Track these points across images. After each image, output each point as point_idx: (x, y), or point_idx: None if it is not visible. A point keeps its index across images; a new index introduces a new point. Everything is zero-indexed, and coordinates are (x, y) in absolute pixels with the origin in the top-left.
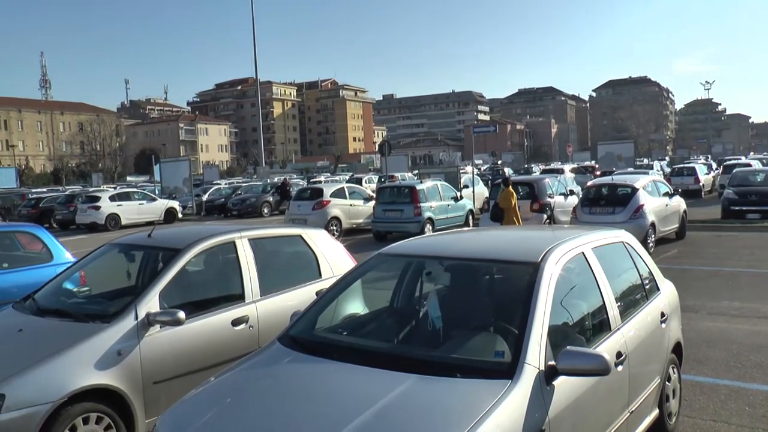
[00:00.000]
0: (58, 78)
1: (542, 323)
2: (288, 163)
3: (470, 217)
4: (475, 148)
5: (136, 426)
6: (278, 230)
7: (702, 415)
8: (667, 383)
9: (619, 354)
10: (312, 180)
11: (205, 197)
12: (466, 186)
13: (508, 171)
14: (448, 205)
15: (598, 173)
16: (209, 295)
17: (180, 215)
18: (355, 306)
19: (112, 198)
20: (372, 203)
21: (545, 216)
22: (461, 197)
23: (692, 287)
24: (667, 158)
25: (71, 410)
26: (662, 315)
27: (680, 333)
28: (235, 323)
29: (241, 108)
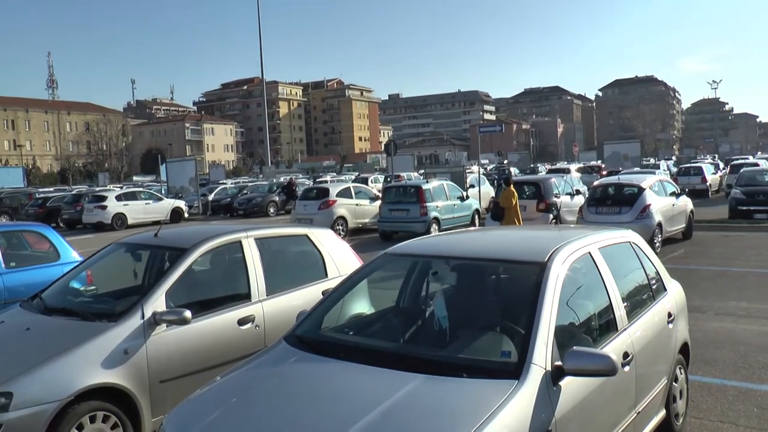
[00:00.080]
0: (65, 78)
1: (549, 323)
2: (294, 163)
3: (476, 217)
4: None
5: (143, 425)
6: (284, 230)
7: (709, 417)
8: (674, 384)
9: (626, 354)
10: (318, 180)
11: (211, 197)
12: (472, 186)
13: (514, 171)
14: (454, 205)
15: (605, 173)
16: (215, 295)
17: (186, 215)
18: (362, 306)
19: (119, 198)
20: (378, 203)
21: (551, 216)
22: (467, 197)
23: (699, 287)
24: (674, 158)
25: (78, 409)
26: (669, 315)
27: (687, 333)
28: (241, 323)
29: (247, 108)
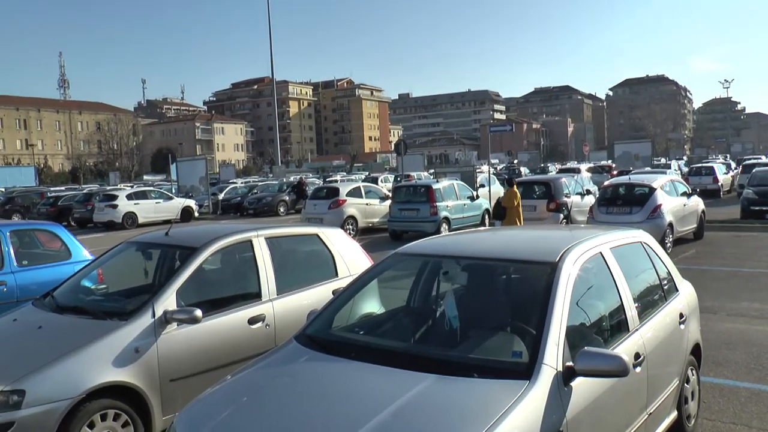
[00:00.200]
0: (77, 78)
1: (560, 324)
2: (304, 162)
3: (486, 217)
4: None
5: (153, 423)
6: (295, 229)
7: (721, 418)
8: (686, 385)
9: (638, 355)
10: (328, 179)
11: (222, 196)
12: (482, 185)
13: (524, 170)
14: (464, 205)
15: (615, 173)
16: (226, 294)
17: (196, 214)
18: (372, 305)
19: (129, 197)
20: (388, 202)
21: (562, 215)
22: (477, 196)
23: (711, 288)
24: (685, 157)
25: (89, 407)
26: (681, 316)
27: (699, 334)
28: (252, 322)
29: (257, 107)
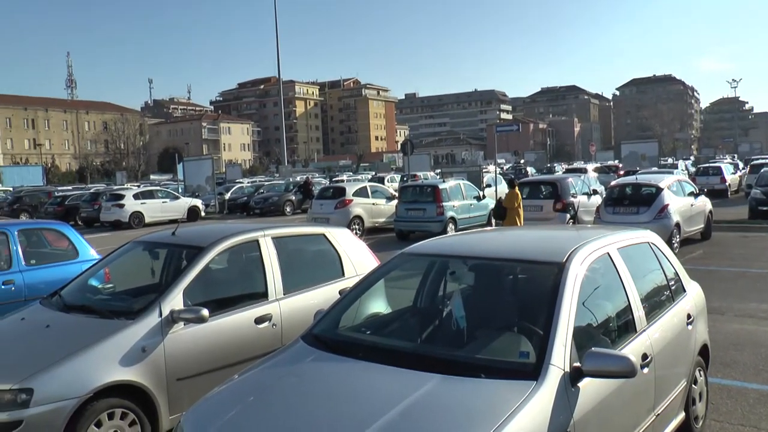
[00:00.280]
0: (84, 78)
1: (567, 324)
2: (310, 162)
3: (493, 217)
4: (498, 147)
5: (160, 422)
6: (301, 229)
7: (730, 420)
8: (694, 386)
9: (645, 356)
10: (334, 179)
11: (228, 196)
12: (489, 185)
13: (531, 170)
14: (471, 205)
15: (622, 173)
16: (232, 293)
17: (203, 213)
18: (379, 305)
19: (136, 196)
20: (394, 202)
21: (568, 216)
22: (484, 196)
23: (718, 288)
24: (692, 157)
25: (97, 405)
26: (688, 317)
27: (707, 335)
28: (258, 321)
29: (264, 107)
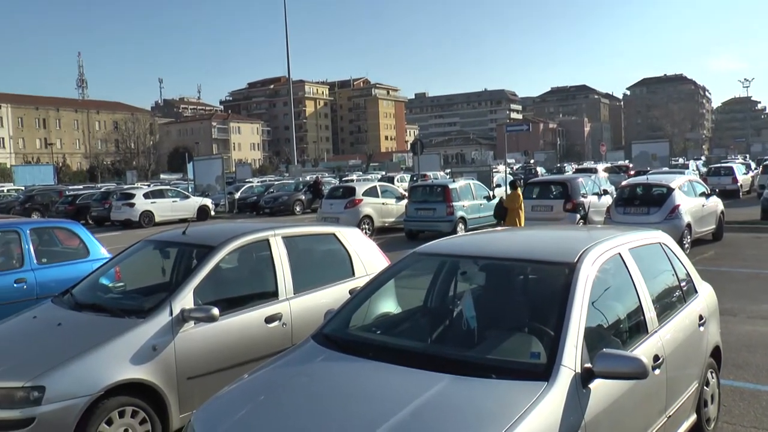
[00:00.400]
0: (95, 78)
1: (578, 325)
2: (320, 162)
3: None
4: (508, 147)
5: (170, 420)
6: (312, 228)
7: (742, 422)
8: (706, 388)
9: (657, 357)
10: (344, 178)
11: (238, 195)
12: (499, 185)
13: (541, 170)
14: (481, 205)
15: (632, 173)
16: (243, 293)
17: (213, 213)
18: (389, 305)
19: (146, 195)
20: (404, 202)
21: (578, 216)
22: (494, 196)
23: (730, 290)
24: (703, 157)
25: (108, 403)
26: (700, 318)
27: (719, 337)
28: (269, 321)
29: (274, 107)
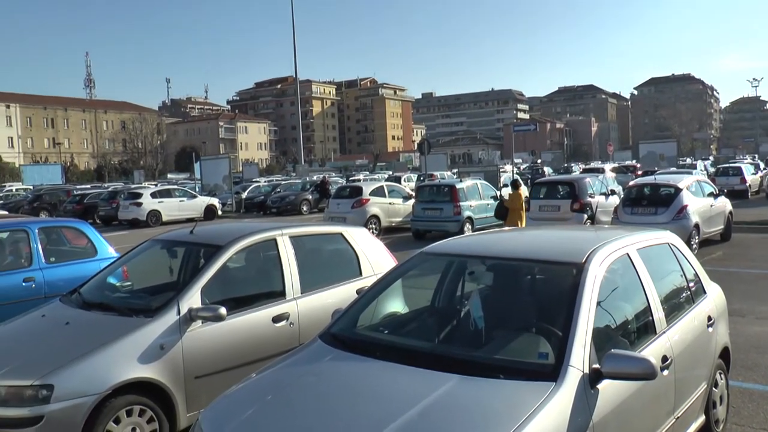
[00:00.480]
0: (102, 77)
1: (586, 325)
2: (327, 162)
3: None
4: (515, 147)
5: (178, 419)
6: (319, 228)
7: (751, 423)
8: (714, 389)
9: (665, 358)
10: (351, 178)
11: (245, 195)
12: (506, 185)
13: (548, 170)
14: (488, 205)
15: (640, 173)
16: (250, 292)
17: (220, 212)
18: (397, 305)
19: (154, 195)
20: (411, 202)
21: (585, 216)
22: (501, 196)
23: (739, 290)
24: (711, 158)
25: (115, 402)
26: (709, 319)
27: (728, 338)
28: (276, 320)
29: (281, 106)
